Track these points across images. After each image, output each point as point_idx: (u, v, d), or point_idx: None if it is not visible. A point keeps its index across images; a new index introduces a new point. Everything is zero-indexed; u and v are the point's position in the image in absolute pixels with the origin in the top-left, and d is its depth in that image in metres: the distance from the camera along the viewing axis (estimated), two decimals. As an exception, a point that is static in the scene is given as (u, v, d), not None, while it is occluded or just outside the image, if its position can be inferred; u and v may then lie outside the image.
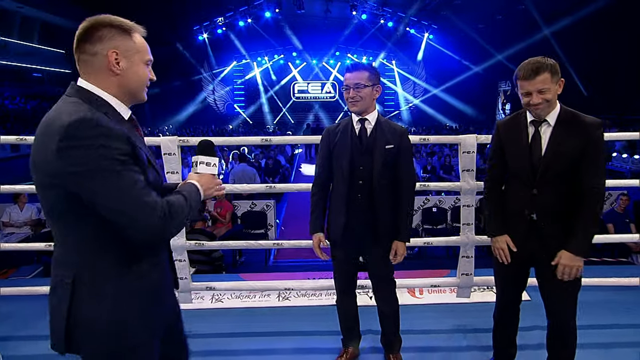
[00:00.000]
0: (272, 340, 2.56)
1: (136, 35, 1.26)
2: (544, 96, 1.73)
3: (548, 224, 1.84)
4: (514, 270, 1.97)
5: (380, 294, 2.26)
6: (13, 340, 2.48)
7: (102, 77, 1.19)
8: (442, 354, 2.40)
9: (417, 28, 23.57)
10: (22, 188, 2.74)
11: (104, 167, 1.04)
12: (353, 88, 1.99)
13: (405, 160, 2.05)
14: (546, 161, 1.79)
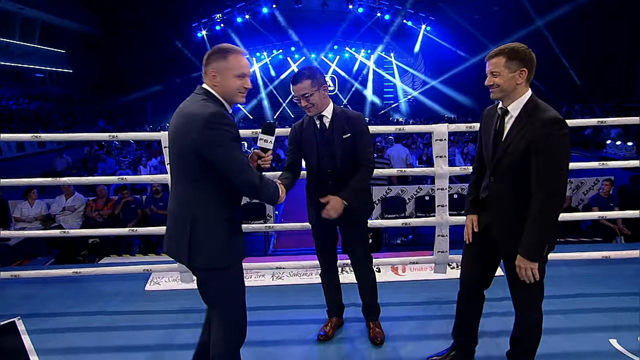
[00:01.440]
0: (266, 313, 2.83)
1: (231, 57, 1.70)
2: (494, 79, 1.76)
3: (500, 217, 1.86)
4: (474, 250, 2.04)
5: (359, 271, 2.47)
6: (37, 317, 2.76)
7: (212, 85, 1.71)
8: (419, 322, 2.67)
9: (414, 20, 23.65)
10: (23, 181, 3.00)
11: (228, 142, 1.59)
12: (302, 98, 2.15)
13: (360, 142, 2.20)
14: (501, 151, 1.80)
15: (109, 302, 2.93)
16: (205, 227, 1.67)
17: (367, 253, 2.45)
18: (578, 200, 6.89)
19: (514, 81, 1.75)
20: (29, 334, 2.56)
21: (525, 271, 1.75)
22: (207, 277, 1.73)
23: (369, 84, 26.78)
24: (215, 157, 1.59)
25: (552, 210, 1.71)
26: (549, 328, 2.45)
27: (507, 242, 1.83)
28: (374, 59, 26.36)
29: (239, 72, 1.71)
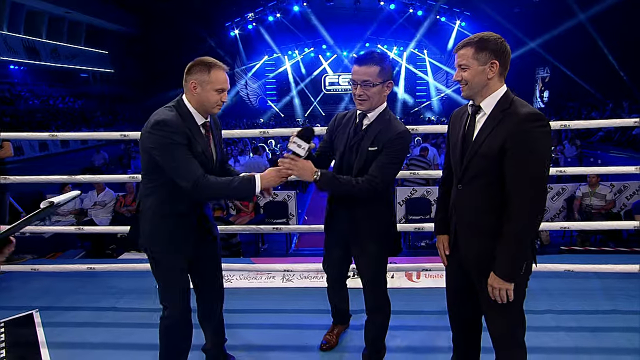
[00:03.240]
0: (273, 316, 2.80)
1: (213, 71, 1.80)
2: (462, 73, 1.55)
3: (465, 229, 1.63)
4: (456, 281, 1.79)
5: (368, 302, 2.10)
6: (52, 310, 2.87)
7: (189, 96, 1.83)
8: (429, 333, 2.54)
9: (448, 16, 22.93)
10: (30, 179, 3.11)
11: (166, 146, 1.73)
12: (361, 85, 1.78)
13: (382, 157, 1.81)
14: (471, 153, 1.56)
15: (121, 299, 2.99)
16: (151, 217, 1.86)
17: (381, 290, 2.08)
18: (620, 205, 6.41)
19: (484, 75, 1.52)
20: (43, 326, 2.65)
21: (500, 292, 1.51)
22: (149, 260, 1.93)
23: (401, 81, 26.27)
24: (157, 158, 1.76)
25: (531, 221, 1.47)
26: (575, 347, 2.28)
27: (478, 261, 1.59)
28: (406, 56, 25.82)
29: (219, 86, 1.81)
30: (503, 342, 1.66)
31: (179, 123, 1.77)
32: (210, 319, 2.16)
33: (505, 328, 1.63)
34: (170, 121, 1.76)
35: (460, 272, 1.72)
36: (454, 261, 1.77)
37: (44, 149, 16.28)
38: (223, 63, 1.84)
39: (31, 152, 15.43)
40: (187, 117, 1.82)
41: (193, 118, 1.85)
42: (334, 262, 2.21)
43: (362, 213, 1.93)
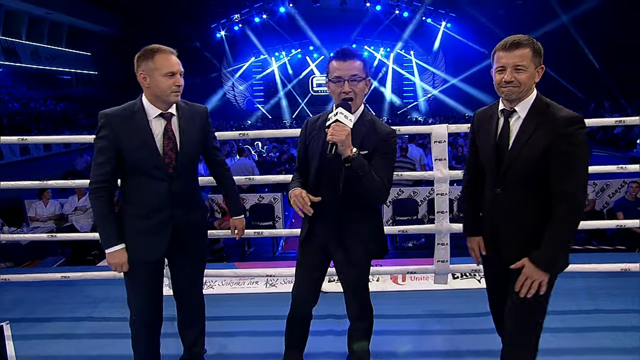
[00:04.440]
0: (256, 323, 2.72)
1: (158, 56, 1.72)
2: (518, 75, 1.50)
3: (507, 230, 1.63)
4: (493, 279, 1.80)
5: (351, 311, 1.96)
6: (24, 322, 2.74)
7: (144, 90, 1.77)
8: (414, 337, 2.50)
9: (433, 17, 23.19)
10: (25, 184, 2.98)
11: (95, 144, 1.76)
12: (349, 80, 1.64)
13: (378, 163, 1.68)
14: (511, 156, 1.56)
15: (97, 308, 2.88)
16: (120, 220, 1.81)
17: (366, 300, 1.97)
18: (602, 203, 6.49)
19: (533, 79, 1.54)
20: (14, 339, 2.53)
21: (533, 283, 1.53)
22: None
23: (388, 82, 26.43)
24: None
25: (575, 217, 1.52)
26: (559, 348, 2.25)
27: (510, 259, 1.60)
28: (393, 57, 25.99)
29: (167, 70, 1.72)
30: (516, 339, 1.67)
31: (111, 116, 1.74)
32: (187, 328, 2.09)
33: (524, 325, 1.64)
34: (103, 113, 1.75)
35: (502, 272, 1.72)
36: (494, 263, 1.76)
37: (25, 153, 15.89)
38: (210, 64, 1.77)
39: (11, 157, 15.06)
40: (137, 111, 1.76)
41: (143, 112, 1.77)
42: (309, 281, 1.94)
43: (356, 218, 1.79)
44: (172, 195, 1.80)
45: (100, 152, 1.74)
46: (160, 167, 1.77)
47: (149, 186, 1.79)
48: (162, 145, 1.77)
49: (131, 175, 1.81)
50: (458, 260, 3.01)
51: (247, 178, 2.95)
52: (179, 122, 1.83)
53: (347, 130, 1.56)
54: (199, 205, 1.99)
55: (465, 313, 2.66)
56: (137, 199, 1.81)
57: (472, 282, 3.02)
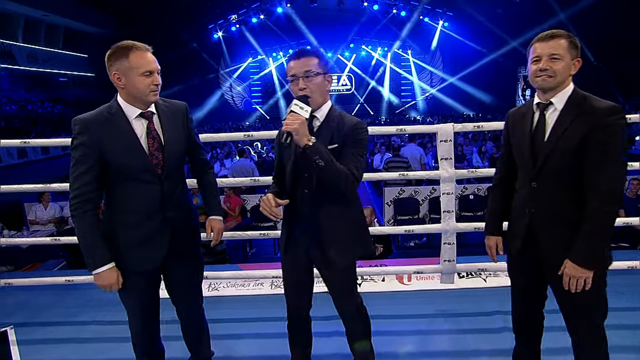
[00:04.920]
0: (262, 325, 2.70)
1: (132, 54, 1.60)
2: (553, 64, 1.52)
3: (545, 224, 1.61)
4: (522, 277, 1.78)
5: (343, 314, 1.90)
6: (28, 327, 2.72)
7: (119, 90, 1.66)
8: (421, 337, 2.48)
9: (431, 16, 23.22)
10: (26, 187, 2.96)
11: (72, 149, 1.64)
12: (303, 77, 1.65)
13: (349, 151, 1.66)
14: (546, 150, 1.56)
15: (101, 311, 2.86)
16: (105, 229, 1.69)
17: (356, 302, 1.89)
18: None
19: (568, 71, 1.55)
20: (19, 344, 2.50)
21: (578, 281, 1.52)
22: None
23: (386, 82, 26.44)
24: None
25: (611, 208, 1.50)
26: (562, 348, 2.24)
27: (560, 255, 1.58)
28: (391, 56, 26.00)
29: (144, 69, 1.61)
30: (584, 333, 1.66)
31: (88, 121, 1.63)
32: (188, 334, 2.05)
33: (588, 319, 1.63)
34: (77, 119, 1.64)
35: (533, 268, 1.71)
36: (524, 259, 1.72)
37: (23, 156, 15.80)
38: (207, 65, 1.71)
39: (9, 160, 14.95)
40: (115, 113, 1.65)
41: (122, 113, 1.66)
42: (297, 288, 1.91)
43: (333, 215, 1.73)
44: (164, 197, 1.71)
45: (80, 161, 1.61)
46: (149, 169, 1.67)
47: (138, 191, 1.68)
48: (148, 145, 1.68)
49: (117, 182, 1.69)
50: (464, 260, 3.01)
51: (251, 179, 2.93)
52: (161, 121, 1.73)
53: (300, 120, 1.55)
54: (188, 205, 1.88)
55: (473, 312, 2.65)
56: (127, 206, 1.69)
57: (478, 282, 3.02)
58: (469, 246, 6.34)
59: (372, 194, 9.64)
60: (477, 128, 2.62)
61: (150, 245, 1.72)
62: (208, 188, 2.00)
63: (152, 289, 1.84)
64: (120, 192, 1.70)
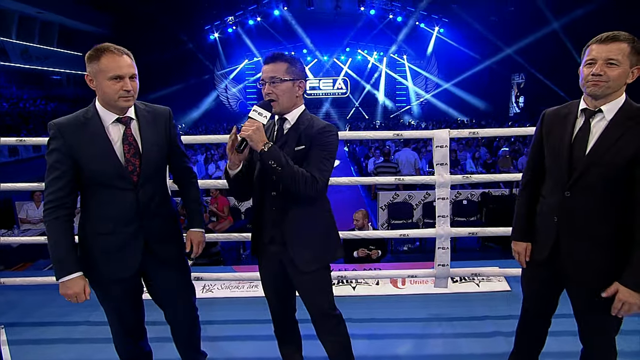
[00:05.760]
0: (256, 327, 2.70)
1: (103, 58, 1.56)
2: (609, 70, 1.40)
3: (572, 237, 1.55)
4: (538, 285, 1.76)
5: (321, 331, 1.87)
6: (19, 327, 2.69)
7: (96, 92, 1.63)
8: (415, 341, 2.50)
9: (427, 22, 23.42)
10: (22, 186, 2.94)
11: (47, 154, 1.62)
12: (269, 83, 1.66)
13: (314, 153, 1.65)
14: (590, 159, 1.47)
15: (94, 312, 2.83)
16: (80, 236, 1.68)
17: (332, 314, 1.84)
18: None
19: (625, 79, 1.43)
20: (9, 344, 2.47)
21: (630, 307, 1.45)
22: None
23: (381, 86, 26.57)
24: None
25: None
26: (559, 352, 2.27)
27: (584, 271, 1.53)
28: (387, 61, 26.15)
29: (113, 73, 1.55)
30: (598, 347, 1.65)
31: (63, 125, 1.60)
32: (176, 338, 2.03)
33: (604, 334, 1.62)
34: (52, 123, 1.61)
35: (551, 277, 1.68)
36: (545, 267, 1.68)
37: (14, 154, 15.61)
38: (203, 66, 1.69)
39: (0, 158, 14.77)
40: (91, 118, 1.62)
41: (98, 118, 1.62)
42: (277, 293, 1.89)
43: (298, 218, 1.70)
44: (140, 205, 1.67)
45: (54, 166, 1.58)
46: (123, 176, 1.63)
47: (113, 198, 1.64)
48: (123, 152, 1.63)
49: (92, 189, 1.65)
50: (457, 265, 3.03)
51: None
52: (139, 126, 1.68)
53: (256, 125, 1.56)
54: (170, 213, 1.83)
55: (466, 317, 2.67)
56: (101, 213, 1.65)
57: (471, 286, 3.04)
58: (461, 251, 6.39)
59: (365, 198, 9.67)
60: (473, 134, 2.66)
61: (124, 252, 1.69)
62: (191, 199, 1.95)
63: (131, 296, 1.81)
64: (94, 199, 1.66)
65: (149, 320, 2.00)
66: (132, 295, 1.80)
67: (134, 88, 1.61)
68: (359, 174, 11.50)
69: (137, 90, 1.65)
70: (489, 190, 6.76)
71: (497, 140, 11.59)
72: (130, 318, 1.83)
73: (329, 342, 1.87)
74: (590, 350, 1.69)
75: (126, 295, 1.77)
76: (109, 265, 1.68)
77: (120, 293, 1.75)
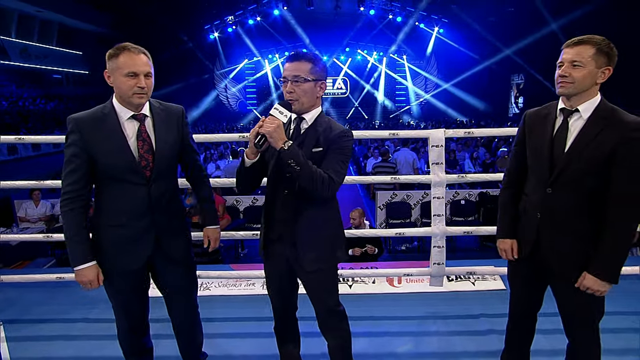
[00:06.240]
0: (254, 324, 2.72)
1: (121, 56, 1.64)
2: (574, 71, 1.49)
3: (554, 231, 1.62)
4: (522, 281, 1.81)
5: (324, 327, 1.90)
6: (18, 323, 2.71)
7: (114, 89, 1.70)
8: (411, 339, 2.52)
9: (426, 22, 23.45)
10: (21, 184, 2.96)
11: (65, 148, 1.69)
12: (291, 81, 1.66)
13: (330, 156, 1.67)
14: (568, 157, 1.54)
15: (93, 309, 2.86)
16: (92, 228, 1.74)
17: (337, 310, 1.88)
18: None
19: (594, 79, 1.51)
20: (8, 341, 2.50)
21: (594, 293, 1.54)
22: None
23: (381, 86, 26.61)
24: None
25: (635, 224, 1.52)
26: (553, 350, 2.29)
27: (566, 265, 1.60)
28: (386, 61, 26.18)
29: (128, 70, 1.62)
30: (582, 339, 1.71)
31: (80, 120, 1.67)
32: (179, 336, 2.06)
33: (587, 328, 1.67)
34: (71, 118, 1.68)
35: (535, 273, 1.74)
36: (528, 264, 1.74)
37: (13, 153, 15.62)
38: (203, 66, 1.74)
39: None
40: (108, 114, 1.69)
41: (115, 114, 1.69)
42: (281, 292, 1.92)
43: (310, 217, 1.72)
44: (152, 199, 1.72)
45: (71, 159, 1.65)
46: (137, 171, 1.69)
47: (126, 192, 1.70)
48: (137, 147, 1.69)
49: (106, 183, 1.72)
50: (452, 263, 3.06)
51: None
52: (154, 123, 1.74)
53: (277, 123, 1.58)
54: (179, 209, 1.89)
55: (461, 315, 2.70)
56: (114, 207, 1.72)
57: (467, 285, 3.07)
58: (460, 251, 6.42)
59: (364, 197, 9.70)
60: (468, 134, 2.68)
61: (134, 245, 1.74)
62: (204, 198, 2.01)
63: (138, 289, 1.86)
64: (108, 193, 1.72)
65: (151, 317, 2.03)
66: (139, 289, 1.86)
67: (148, 85, 1.67)
68: (358, 173, 11.53)
69: (152, 89, 1.70)
70: (487, 190, 6.78)
71: (495, 141, 11.62)
72: (136, 311, 1.88)
73: (332, 337, 1.90)
74: (574, 344, 1.73)
75: (133, 288, 1.83)
76: (119, 257, 1.74)
77: (128, 286, 1.81)
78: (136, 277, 1.81)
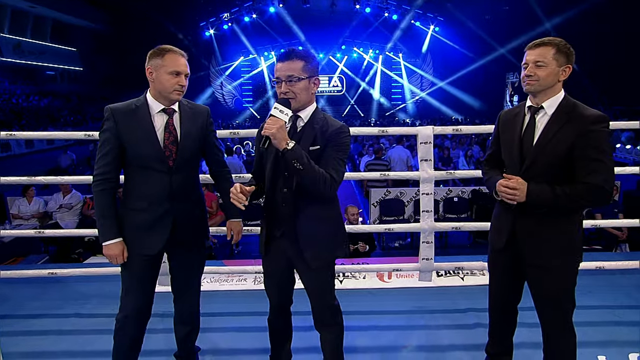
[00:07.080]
0: (244, 319, 2.76)
1: (167, 55, 1.82)
2: (538, 70, 1.63)
3: (528, 223, 1.72)
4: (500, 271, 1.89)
5: (320, 321, 1.91)
6: (10, 319, 2.73)
7: (150, 85, 1.86)
8: (399, 332, 2.57)
9: (422, 21, 23.49)
10: (22, 180, 2.97)
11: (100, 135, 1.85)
12: (285, 81, 1.66)
13: (329, 153, 1.68)
14: (535, 151, 1.66)
15: (85, 304, 2.88)
16: (120, 214, 1.87)
17: (333, 305, 1.91)
18: (582, 205, 6.68)
19: (557, 77, 1.65)
20: (0, 336, 2.52)
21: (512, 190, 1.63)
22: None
23: (377, 84, 26.64)
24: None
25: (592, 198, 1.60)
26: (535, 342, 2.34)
27: (534, 250, 1.71)
28: (382, 59, 26.21)
29: (173, 69, 1.80)
30: (555, 325, 1.78)
31: (115, 110, 1.83)
32: (182, 323, 2.12)
33: (558, 311, 1.75)
34: (107, 107, 1.83)
35: (512, 263, 1.83)
36: (506, 256, 1.84)
37: (6, 150, 15.53)
38: (198, 63, 1.80)
39: (-8, 153, 14.70)
40: (141, 106, 1.84)
41: (147, 107, 1.85)
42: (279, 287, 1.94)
43: (311, 215, 1.74)
44: (172, 188, 1.86)
45: (104, 144, 1.82)
46: (161, 160, 1.83)
47: (150, 179, 1.84)
48: (163, 138, 1.84)
49: (133, 169, 1.87)
50: (442, 259, 3.11)
51: (238, 176, 2.98)
52: (180, 118, 1.90)
53: (279, 124, 1.58)
54: (198, 200, 2.02)
55: (449, 309, 2.75)
56: (138, 192, 1.86)
57: (455, 280, 3.12)
58: (452, 247, 6.48)
59: (359, 195, 9.75)
60: (456, 131, 2.72)
61: (152, 232, 1.86)
62: (226, 194, 2.02)
63: (150, 276, 1.95)
64: (134, 179, 1.87)
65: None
66: (151, 273, 1.95)
67: (185, 85, 1.86)
68: (353, 171, 11.57)
69: (186, 89, 1.88)
70: (480, 188, 6.84)
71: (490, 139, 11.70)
72: (148, 292, 1.95)
73: (327, 331, 1.93)
74: (548, 328, 1.80)
75: (147, 272, 1.92)
76: (138, 242, 1.86)
77: (143, 268, 1.90)
78: (152, 261, 1.91)
